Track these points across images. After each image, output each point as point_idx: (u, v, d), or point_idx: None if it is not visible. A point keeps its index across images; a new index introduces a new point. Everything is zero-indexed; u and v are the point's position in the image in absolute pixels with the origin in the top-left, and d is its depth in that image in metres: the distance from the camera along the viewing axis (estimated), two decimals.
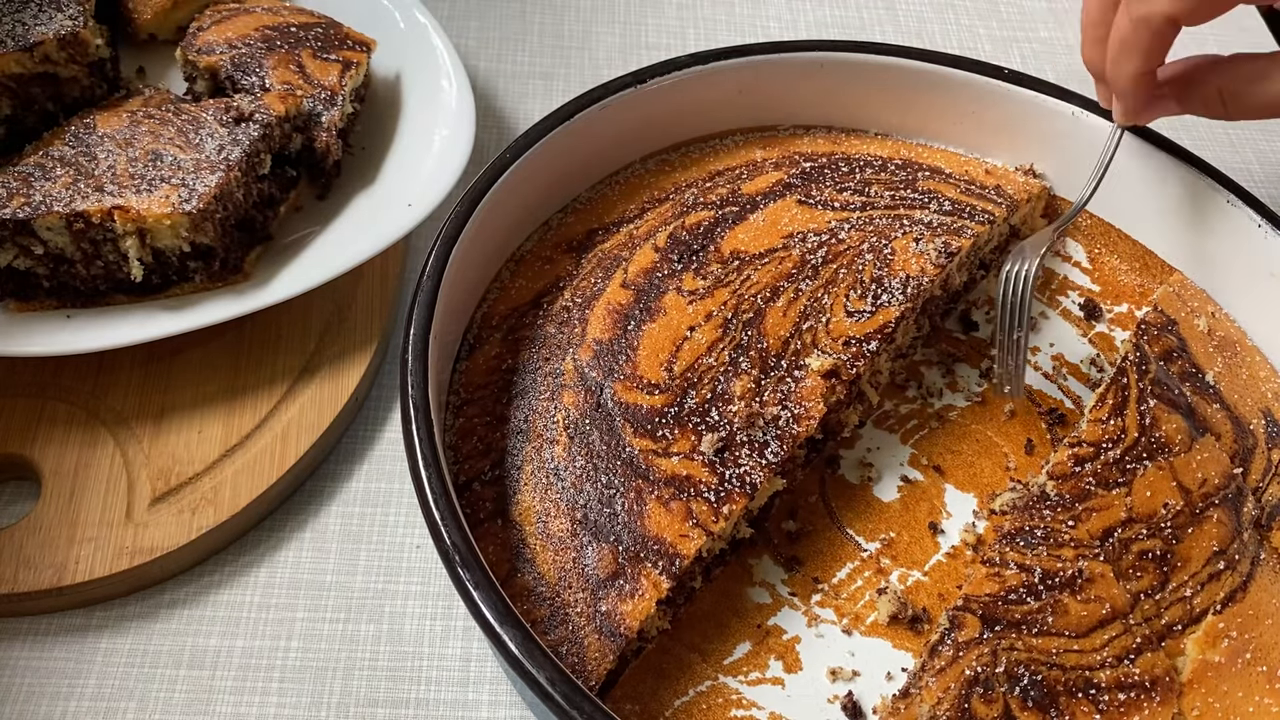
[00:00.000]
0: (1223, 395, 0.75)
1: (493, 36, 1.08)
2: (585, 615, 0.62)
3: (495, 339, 0.75)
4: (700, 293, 0.75)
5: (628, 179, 0.85)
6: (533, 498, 0.67)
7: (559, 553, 0.64)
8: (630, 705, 0.64)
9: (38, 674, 0.67)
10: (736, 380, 0.70)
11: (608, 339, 0.72)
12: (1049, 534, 0.66)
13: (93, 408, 0.76)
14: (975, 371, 0.81)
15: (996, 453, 0.77)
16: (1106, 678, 0.61)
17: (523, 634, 0.55)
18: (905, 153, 0.88)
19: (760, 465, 0.67)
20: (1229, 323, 0.80)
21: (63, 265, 0.74)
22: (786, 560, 0.71)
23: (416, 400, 0.64)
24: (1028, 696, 0.60)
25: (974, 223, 0.81)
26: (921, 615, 0.69)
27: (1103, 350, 0.83)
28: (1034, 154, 0.88)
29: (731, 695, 0.65)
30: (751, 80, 0.85)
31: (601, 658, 0.61)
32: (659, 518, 0.64)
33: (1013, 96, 0.86)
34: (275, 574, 0.72)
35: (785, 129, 0.90)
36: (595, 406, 0.69)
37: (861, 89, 0.87)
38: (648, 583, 0.62)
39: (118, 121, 0.78)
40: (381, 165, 0.86)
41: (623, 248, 0.79)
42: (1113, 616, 0.63)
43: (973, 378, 0.81)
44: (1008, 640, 0.62)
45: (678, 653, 0.66)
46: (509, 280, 0.79)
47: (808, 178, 0.84)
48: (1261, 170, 1.05)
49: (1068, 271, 0.88)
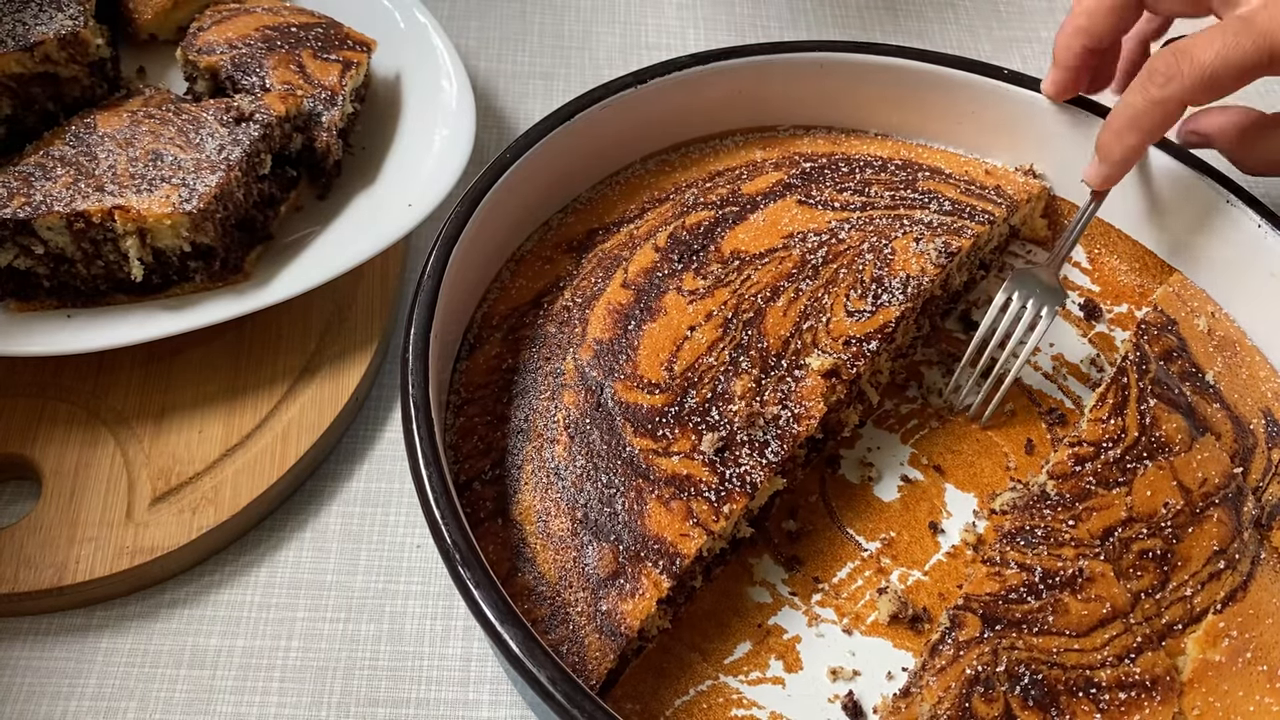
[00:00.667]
0: (1223, 395, 0.75)
1: (493, 36, 1.08)
2: (586, 614, 0.62)
3: (495, 339, 0.75)
4: (700, 292, 0.75)
5: (628, 179, 0.85)
6: (533, 497, 0.67)
7: (559, 552, 0.64)
8: (631, 704, 0.64)
9: (38, 674, 0.67)
10: (737, 380, 0.70)
11: (608, 339, 0.72)
12: (1049, 533, 0.66)
13: (93, 407, 0.76)
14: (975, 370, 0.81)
15: (996, 452, 0.77)
16: (1107, 677, 0.61)
17: (524, 633, 0.55)
18: (905, 153, 0.88)
19: (760, 465, 0.67)
20: (1229, 323, 0.80)
21: (63, 265, 0.74)
22: (787, 560, 0.71)
23: (417, 399, 0.64)
24: (1028, 695, 0.60)
25: (974, 223, 0.81)
26: (922, 615, 0.69)
27: (1103, 350, 0.83)
28: (1034, 154, 0.89)
29: (732, 695, 0.65)
30: (751, 80, 0.85)
31: (602, 657, 0.60)
32: (659, 517, 0.64)
33: (1013, 97, 0.86)
34: (276, 574, 0.73)
35: (785, 129, 0.90)
36: (596, 406, 0.69)
37: (861, 89, 0.87)
38: (648, 582, 0.62)
39: (118, 121, 0.78)
40: (381, 165, 0.86)
41: (623, 248, 0.79)
42: (1113, 616, 0.63)
43: (973, 378, 0.81)
44: (1008, 639, 0.62)
45: (678, 652, 0.66)
46: (509, 280, 0.79)
47: (808, 178, 0.84)
48: None
49: (1068, 271, 0.88)
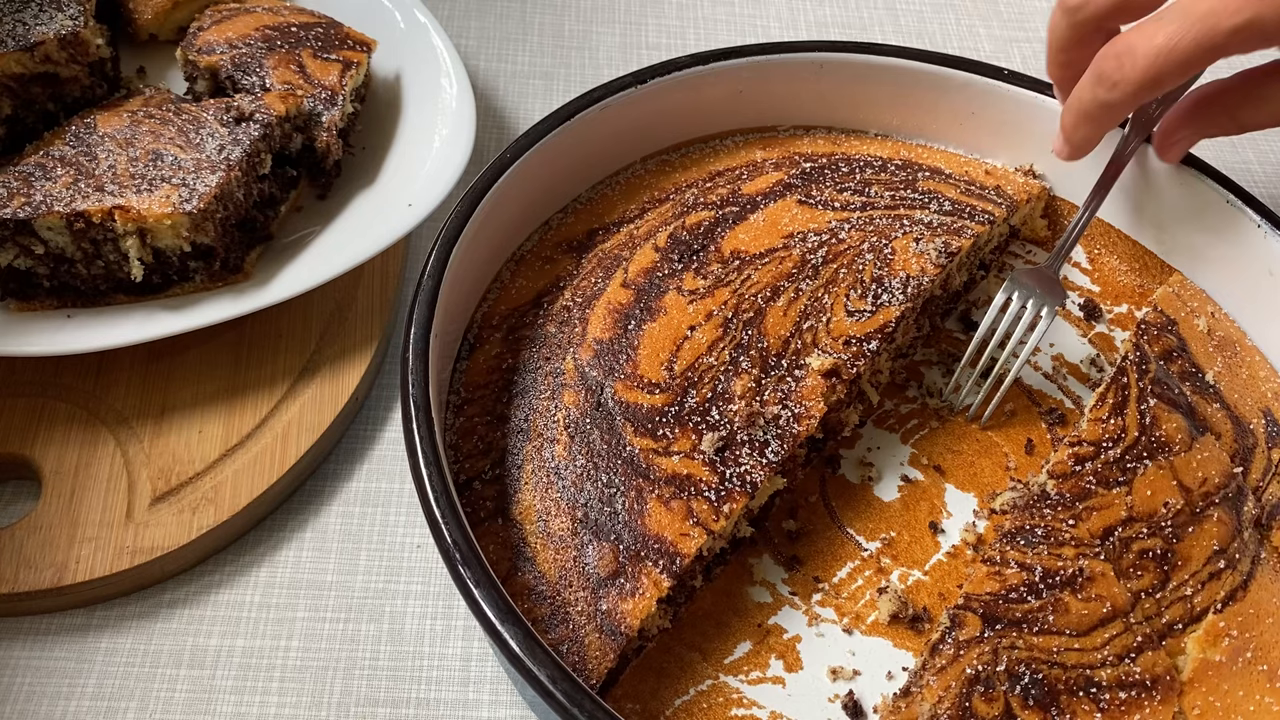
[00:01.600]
0: (1223, 395, 0.75)
1: (493, 36, 1.08)
2: (586, 614, 0.62)
3: (496, 338, 0.75)
4: (701, 292, 0.75)
5: (628, 179, 0.85)
6: (533, 496, 0.67)
7: (560, 551, 0.64)
8: (631, 704, 0.64)
9: (38, 674, 0.68)
10: (737, 379, 0.70)
11: (608, 338, 0.72)
12: (1049, 533, 0.66)
13: (93, 407, 0.76)
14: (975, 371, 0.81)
15: (997, 452, 0.77)
16: (1107, 676, 0.61)
17: (524, 632, 0.55)
18: (905, 153, 0.88)
19: (761, 464, 0.67)
20: (1229, 323, 0.80)
21: (63, 265, 0.74)
22: (787, 560, 0.71)
23: (417, 399, 0.64)
24: (1029, 695, 0.60)
25: (974, 223, 0.81)
26: (922, 615, 0.69)
27: (1103, 350, 0.83)
28: (1034, 154, 0.89)
29: (732, 694, 0.65)
30: (751, 81, 0.86)
31: (602, 656, 0.60)
32: (659, 517, 0.64)
33: (1013, 97, 0.86)
34: (275, 574, 0.73)
35: (785, 129, 0.90)
36: (596, 406, 0.69)
37: (861, 89, 0.87)
38: (648, 581, 0.62)
39: (118, 121, 0.78)
40: (381, 165, 0.86)
41: (623, 247, 0.79)
42: (1113, 615, 0.63)
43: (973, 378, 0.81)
44: (1008, 639, 0.62)
45: (679, 652, 0.66)
46: (509, 280, 0.79)
47: (808, 178, 0.84)
48: (1261, 170, 1.05)
49: (1068, 272, 0.88)
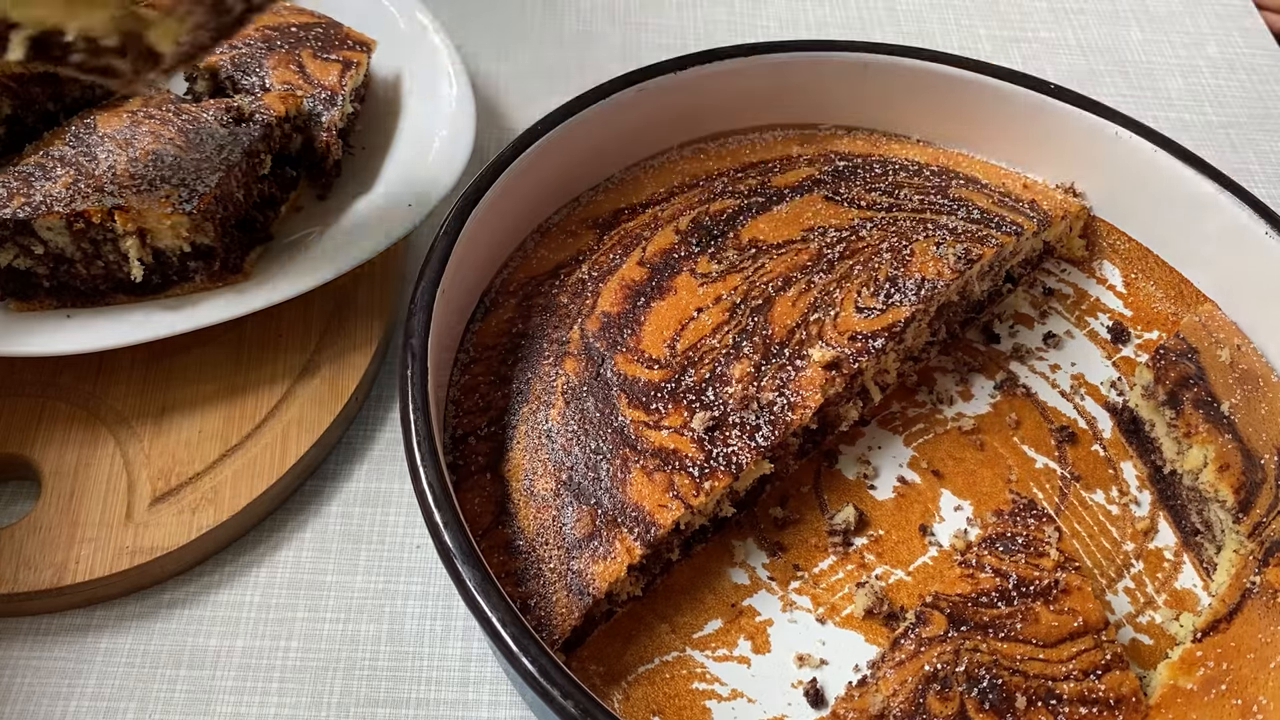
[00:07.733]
0: (1236, 426, 0.73)
1: (493, 37, 1.07)
2: (557, 572, 0.64)
3: (510, 304, 0.77)
4: (713, 276, 0.76)
5: (662, 163, 0.87)
6: (523, 456, 0.68)
7: (541, 510, 0.66)
8: (595, 665, 0.65)
9: (38, 674, 0.67)
10: (737, 363, 0.71)
11: (616, 312, 0.74)
12: (1030, 543, 0.65)
13: (93, 407, 0.75)
14: (991, 382, 0.81)
15: (1000, 464, 0.76)
16: (1070, 690, 0.60)
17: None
18: (944, 160, 0.88)
19: (749, 447, 0.68)
20: (1256, 357, 0.78)
21: (63, 265, 0.73)
22: (771, 545, 0.71)
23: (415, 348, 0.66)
24: (985, 699, 0.60)
25: (1001, 233, 0.81)
26: (898, 613, 0.68)
27: (1125, 374, 0.82)
28: (1076, 172, 0.87)
29: (696, 668, 0.66)
30: (790, 75, 0.86)
31: (568, 614, 0.62)
32: (641, 486, 0.66)
33: (1057, 112, 0.85)
34: (275, 574, 0.72)
35: (827, 128, 0.91)
36: (595, 375, 0.71)
37: (903, 93, 0.87)
38: (621, 547, 0.64)
39: (118, 121, 0.77)
40: (381, 165, 0.85)
41: (645, 228, 0.81)
42: (1084, 630, 0.62)
43: (987, 388, 0.80)
44: (972, 641, 0.61)
45: (649, 621, 0.67)
46: (532, 250, 0.81)
47: (839, 175, 0.85)
48: (1261, 170, 1.02)
49: (1100, 294, 0.86)
